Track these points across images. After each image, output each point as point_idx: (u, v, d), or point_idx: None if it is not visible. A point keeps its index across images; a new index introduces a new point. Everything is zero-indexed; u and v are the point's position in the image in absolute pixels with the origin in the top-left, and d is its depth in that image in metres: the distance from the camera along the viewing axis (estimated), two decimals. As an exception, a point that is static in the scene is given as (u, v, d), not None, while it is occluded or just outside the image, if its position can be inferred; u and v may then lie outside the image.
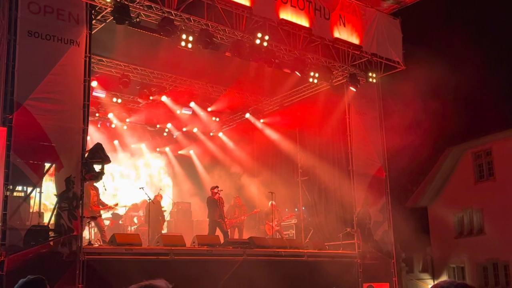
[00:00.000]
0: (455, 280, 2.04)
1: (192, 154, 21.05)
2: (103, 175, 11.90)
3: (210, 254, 12.14)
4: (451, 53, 17.37)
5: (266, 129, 18.98)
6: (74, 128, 10.60)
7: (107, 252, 10.85)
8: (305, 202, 17.53)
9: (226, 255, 12.42)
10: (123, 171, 19.86)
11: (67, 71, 10.70)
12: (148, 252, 11.52)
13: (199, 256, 11.98)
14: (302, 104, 17.64)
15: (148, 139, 20.25)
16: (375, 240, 15.17)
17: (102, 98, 16.85)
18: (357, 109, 15.85)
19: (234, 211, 15.87)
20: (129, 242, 11.37)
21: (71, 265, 9.91)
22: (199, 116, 19.15)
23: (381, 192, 15.66)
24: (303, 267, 13.31)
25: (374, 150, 15.91)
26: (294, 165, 18.21)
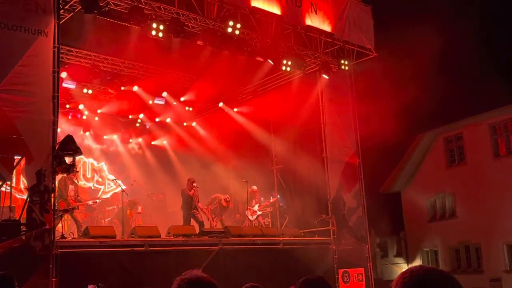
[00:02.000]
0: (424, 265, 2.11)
1: (165, 144, 20.95)
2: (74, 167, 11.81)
3: (185, 245, 12.17)
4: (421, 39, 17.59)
5: (240, 118, 18.98)
6: (44, 120, 10.45)
7: (81, 245, 10.79)
8: (280, 190, 17.66)
9: (201, 245, 12.46)
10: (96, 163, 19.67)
11: (35, 62, 10.53)
12: (122, 244, 11.48)
13: (175, 246, 11.99)
14: (276, 92, 17.68)
15: (121, 130, 20.07)
16: (350, 226, 15.39)
17: (72, 89, 16.64)
18: (330, 96, 15.97)
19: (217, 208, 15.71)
20: (103, 234, 11.32)
21: (44, 259, 9.83)
22: (172, 106, 19.06)
23: (355, 179, 15.88)
24: (279, 254, 13.44)
25: (347, 137, 16.09)
26: (269, 154, 18.29)
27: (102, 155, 19.85)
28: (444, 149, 23.27)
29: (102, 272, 10.18)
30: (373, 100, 16.06)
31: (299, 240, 14.50)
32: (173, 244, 12.08)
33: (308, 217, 16.03)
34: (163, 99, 18.62)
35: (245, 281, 3.73)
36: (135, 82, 17.30)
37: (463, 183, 21.94)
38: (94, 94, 17.73)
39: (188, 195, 14.42)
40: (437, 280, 2.01)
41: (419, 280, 2.01)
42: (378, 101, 15.99)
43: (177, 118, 20.28)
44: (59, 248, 10.13)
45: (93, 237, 11.00)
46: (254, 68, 16.53)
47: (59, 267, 9.93)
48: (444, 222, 22.92)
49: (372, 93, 15.95)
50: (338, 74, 15.90)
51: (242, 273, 11.88)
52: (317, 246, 14.44)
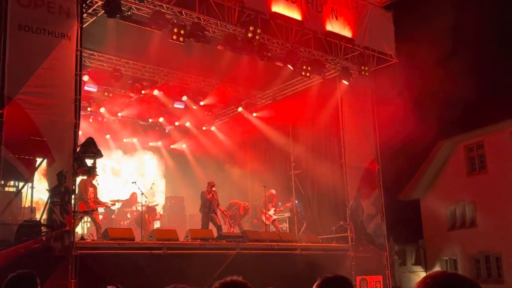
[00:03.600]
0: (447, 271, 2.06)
1: (184, 148, 21.02)
2: (95, 169, 11.91)
3: (203, 248, 12.16)
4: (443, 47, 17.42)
5: (259, 123, 18.97)
6: (65, 122, 10.55)
7: (100, 247, 10.84)
8: (298, 196, 17.57)
9: (219, 249, 12.44)
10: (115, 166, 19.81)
11: (58, 65, 10.64)
12: (141, 246, 11.52)
13: (192, 250, 11.99)
14: (295, 97, 17.65)
15: (140, 134, 20.20)
16: (368, 233, 15.24)
17: (94, 93, 16.80)
18: (350, 102, 15.88)
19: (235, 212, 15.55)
20: (122, 236, 11.36)
21: (64, 260, 9.89)
22: (192, 110, 19.11)
23: (374, 185, 15.73)
24: (296, 260, 13.35)
25: (367, 143, 15.97)
26: (287, 159, 18.23)
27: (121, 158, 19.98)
28: (464, 157, 22.95)
29: (120, 273, 10.21)
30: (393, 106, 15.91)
31: (316, 246, 14.39)
32: (191, 247, 12.09)
33: (326, 223, 15.94)
34: (183, 103, 18.69)
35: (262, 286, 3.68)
36: (156, 86, 17.39)
37: (483, 191, 21.59)
38: (115, 98, 17.87)
39: (206, 198, 14.42)
40: (460, 286, 1.96)
41: (441, 285, 1.96)
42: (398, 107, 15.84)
43: (196, 122, 20.35)
44: (78, 249, 10.19)
45: (112, 239, 11.05)
46: (273, 73, 16.52)
47: (78, 268, 9.99)
48: (464, 231, 22.57)
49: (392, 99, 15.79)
50: (358, 79, 15.80)
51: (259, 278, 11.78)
52: (334, 253, 14.34)
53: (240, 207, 15.53)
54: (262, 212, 15.90)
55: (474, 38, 18.62)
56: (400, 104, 15.92)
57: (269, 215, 15.75)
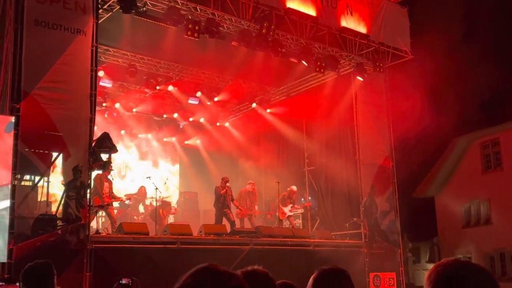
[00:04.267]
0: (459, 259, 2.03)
1: (198, 144, 21.07)
2: (110, 164, 11.99)
3: (216, 243, 12.19)
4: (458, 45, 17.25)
5: (272, 119, 18.94)
6: (81, 117, 10.62)
7: (115, 241, 10.92)
8: (312, 192, 17.54)
9: (232, 244, 12.47)
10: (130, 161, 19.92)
11: (74, 60, 10.71)
12: (155, 241, 11.58)
13: (206, 245, 12.03)
14: (309, 94, 17.59)
15: (155, 129, 20.27)
16: (382, 230, 15.17)
17: (109, 88, 16.90)
18: (364, 98, 15.79)
19: (246, 200, 15.48)
20: (137, 231, 11.43)
21: (79, 253, 9.98)
22: (206, 106, 19.12)
23: (388, 182, 15.64)
24: (310, 256, 13.33)
25: (381, 140, 15.87)
26: (301, 155, 18.21)
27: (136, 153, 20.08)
28: (480, 154, 22.73)
29: (135, 267, 10.27)
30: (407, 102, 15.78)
31: (330, 243, 14.36)
32: (205, 242, 12.13)
33: (340, 220, 15.90)
34: (197, 99, 18.70)
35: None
36: (170, 82, 17.43)
37: (499, 189, 21.38)
38: (130, 93, 17.95)
39: (220, 194, 14.45)
40: (472, 274, 1.93)
41: (453, 272, 1.93)
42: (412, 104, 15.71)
43: (210, 118, 20.37)
44: (93, 243, 10.27)
45: (127, 233, 11.12)
46: (288, 69, 16.48)
47: (93, 262, 10.07)
48: (479, 229, 22.38)
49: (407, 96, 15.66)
50: (372, 76, 15.71)
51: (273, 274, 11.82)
52: (348, 249, 14.29)
53: (245, 189, 15.46)
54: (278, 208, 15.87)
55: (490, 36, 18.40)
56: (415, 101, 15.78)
57: (284, 211, 15.74)
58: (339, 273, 2.59)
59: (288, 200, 15.80)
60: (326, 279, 2.55)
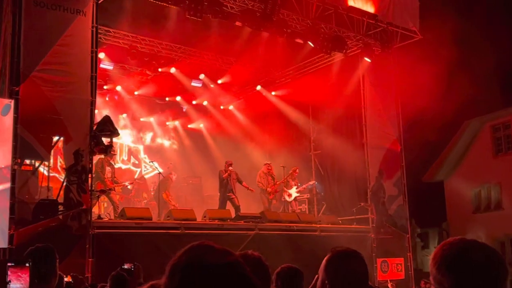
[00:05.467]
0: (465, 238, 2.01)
1: (202, 127, 21.07)
2: (112, 148, 12.02)
3: (221, 228, 12.26)
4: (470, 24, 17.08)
5: (277, 101, 18.89)
6: (82, 100, 10.63)
7: (117, 226, 10.99)
8: (318, 176, 17.56)
9: (237, 229, 12.54)
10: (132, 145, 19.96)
11: (74, 42, 10.69)
12: (158, 226, 11.65)
13: (210, 230, 12.10)
14: (315, 75, 17.47)
15: (157, 113, 20.26)
16: (390, 215, 15.21)
17: (110, 70, 16.86)
18: (372, 80, 15.72)
19: (267, 179, 15.39)
20: (139, 216, 11.50)
21: (81, 239, 10.06)
22: (210, 88, 19.09)
23: (396, 166, 15.63)
24: (316, 241, 13.35)
25: (389, 123, 15.83)
26: (307, 139, 18.21)
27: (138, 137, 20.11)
28: (491, 138, 22.62)
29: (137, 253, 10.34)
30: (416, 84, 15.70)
31: (336, 228, 14.42)
32: (209, 227, 12.20)
33: (346, 205, 15.95)
34: (201, 82, 18.67)
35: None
36: (173, 64, 17.38)
37: (510, 173, 21.31)
38: (132, 76, 17.91)
39: (222, 177, 14.53)
40: (478, 253, 1.91)
41: (459, 252, 1.91)
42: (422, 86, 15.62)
43: (214, 101, 20.33)
44: (95, 228, 10.35)
45: (130, 218, 11.18)
46: (293, 51, 16.39)
47: (95, 248, 10.15)
48: (489, 214, 22.35)
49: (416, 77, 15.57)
50: (380, 57, 15.60)
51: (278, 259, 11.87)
52: (355, 234, 14.35)
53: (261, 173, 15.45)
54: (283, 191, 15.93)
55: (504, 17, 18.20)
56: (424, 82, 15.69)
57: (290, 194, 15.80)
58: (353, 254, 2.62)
59: (291, 182, 15.85)
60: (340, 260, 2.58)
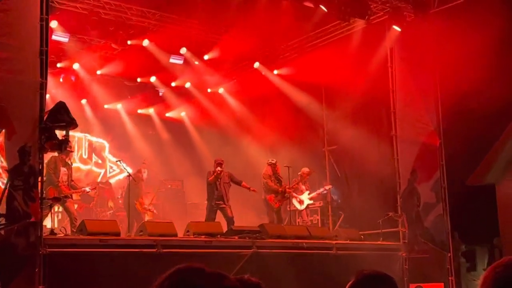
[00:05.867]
0: None
1: (184, 116, 21.07)
2: (68, 144, 12.01)
3: (209, 246, 12.27)
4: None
5: (281, 83, 18.92)
6: (28, 82, 10.60)
7: (76, 244, 10.99)
8: (334, 179, 17.57)
9: (230, 247, 12.54)
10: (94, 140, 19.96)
11: (17, 7, 10.64)
12: (128, 243, 11.66)
13: (195, 248, 12.10)
14: (330, 49, 17.47)
15: (126, 98, 20.26)
16: (426, 228, 15.25)
17: (65, 44, 16.84)
18: (403, 55, 15.73)
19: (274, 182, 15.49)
20: (104, 231, 11.50)
21: (29, 260, 10.03)
22: (193, 66, 19.10)
23: (434, 165, 15.64)
24: (331, 263, 13.42)
25: (425, 110, 15.84)
26: (319, 130, 18.24)
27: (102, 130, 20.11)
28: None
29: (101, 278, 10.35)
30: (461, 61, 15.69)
31: (357, 245, 14.46)
32: (193, 245, 12.19)
33: (370, 215, 15.93)
34: (182, 58, 18.67)
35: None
36: (146, 35, 17.36)
37: None
38: (93, 50, 17.90)
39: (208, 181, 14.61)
40: None
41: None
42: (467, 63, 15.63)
43: (199, 82, 20.35)
44: (47, 247, 10.32)
45: (91, 234, 11.18)
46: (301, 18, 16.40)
47: (47, 272, 10.13)
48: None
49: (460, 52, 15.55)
50: (414, 25, 15.62)
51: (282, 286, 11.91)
52: (381, 253, 14.38)
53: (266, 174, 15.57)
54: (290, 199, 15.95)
55: None
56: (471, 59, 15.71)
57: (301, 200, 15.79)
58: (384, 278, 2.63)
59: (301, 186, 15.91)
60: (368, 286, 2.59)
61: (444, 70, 16.02)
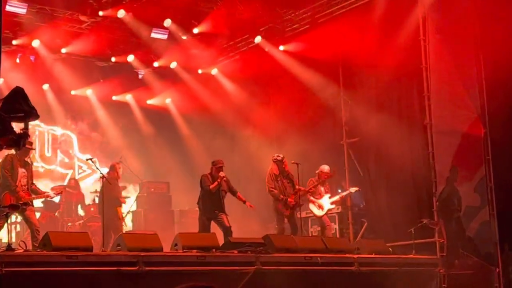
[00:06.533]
0: None
1: (169, 104, 21.06)
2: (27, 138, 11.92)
3: (202, 263, 12.21)
4: None
5: (288, 61, 18.89)
6: (-23, 63, 10.57)
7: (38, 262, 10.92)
8: (355, 179, 17.56)
9: (228, 264, 12.48)
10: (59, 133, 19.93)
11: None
12: (102, 260, 11.59)
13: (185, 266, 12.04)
14: (347, 20, 17.49)
15: (98, 81, 20.23)
16: (469, 237, 15.22)
17: (22, 16, 16.81)
18: (439, 26, 15.69)
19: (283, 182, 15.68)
20: (73, 245, 11.44)
21: (-18, 282, 10.02)
22: (180, 42, 19.07)
23: (478, 161, 15.59)
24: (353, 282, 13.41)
25: (467, 94, 15.78)
26: (336, 120, 18.19)
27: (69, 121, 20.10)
28: None
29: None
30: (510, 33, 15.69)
31: (385, 259, 14.43)
32: (183, 262, 12.14)
33: (400, 222, 15.95)
34: (166, 32, 18.66)
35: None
36: (121, 5, 17.33)
37: None
38: (57, 24, 17.84)
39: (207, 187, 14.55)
40: None
41: None
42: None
43: (187, 62, 20.34)
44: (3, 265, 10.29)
45: (57, 249, 11.13)
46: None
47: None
48: None
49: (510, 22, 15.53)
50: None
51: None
52: (414, 269, 14.37)
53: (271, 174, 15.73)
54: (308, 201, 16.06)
55: None
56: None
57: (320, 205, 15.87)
58: None
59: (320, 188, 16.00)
60: None
61: (489, 44, 16.00)
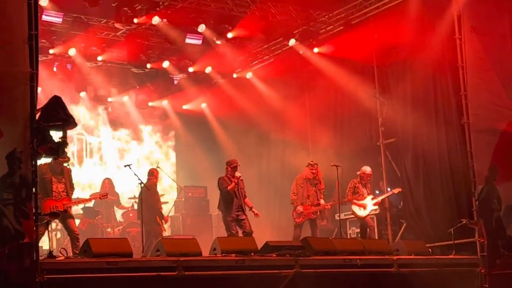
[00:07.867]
0: None
1: (205, 108, 21.10)
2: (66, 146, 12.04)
3: (241, 267, 12.20)
4: None
5: (323, 63, 18.85)
6: (15, 73, 10.65)
7: (79, 269, 11.00)
8: (392, 179, 17.48)
9: (267, 267, 12.47)
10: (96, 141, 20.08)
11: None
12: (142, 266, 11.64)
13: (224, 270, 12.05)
14: (381, 21, 17.43)
15: (134, 88, 20.33)
16: (510, 237, 15.08)
17: (58, 25, 16.94)
18: (475, 24, 15.54)
19: (308, 189, 15.88)
20: (113, 251, 11.50)
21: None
22: (215, 47, 19.10)
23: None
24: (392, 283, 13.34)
25: (505, 92, 15.67)
26: (372, 120, 18.12)
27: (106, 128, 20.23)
28: None
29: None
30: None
31: (424, 260, 14.33)
32: (222, 266, 12.15)
33: (439, 223, 15.86)
34: (200, 37, 18.70)
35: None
36: (156, 11, 17.39)
37: None
38: (93, 32, 17.98)
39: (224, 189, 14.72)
40: None
41: None
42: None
43: (222, 66, 20.37)
44: (45, 272, 10.37)
45: (97, 255, 11.19)
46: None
47: (46, 302, 10.21)
48: None
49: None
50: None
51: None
52: (454, 270, 14.26)
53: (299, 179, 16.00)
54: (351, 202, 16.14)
55: None
56: None
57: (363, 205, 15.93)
58: None
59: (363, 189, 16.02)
60: None
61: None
